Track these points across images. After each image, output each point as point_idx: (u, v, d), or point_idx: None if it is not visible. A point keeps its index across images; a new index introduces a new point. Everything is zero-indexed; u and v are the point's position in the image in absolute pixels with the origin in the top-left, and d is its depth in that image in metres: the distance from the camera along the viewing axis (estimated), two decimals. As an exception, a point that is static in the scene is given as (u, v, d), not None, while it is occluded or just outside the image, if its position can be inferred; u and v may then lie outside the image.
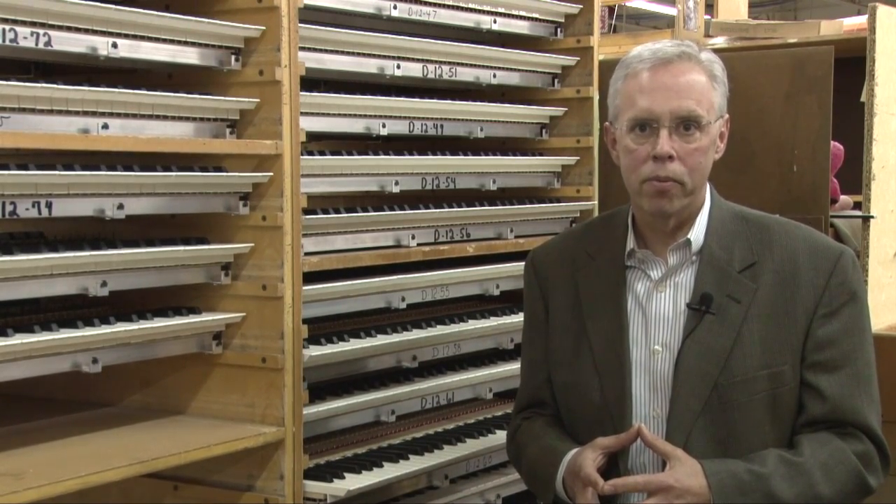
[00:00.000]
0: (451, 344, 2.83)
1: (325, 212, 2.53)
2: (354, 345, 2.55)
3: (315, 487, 2.38)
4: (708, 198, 2.17)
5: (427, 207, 2.79)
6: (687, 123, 2.07)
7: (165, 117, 2.23)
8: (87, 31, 2.11)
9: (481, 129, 2.99)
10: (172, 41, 2.25)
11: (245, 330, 2.37)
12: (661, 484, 2.00)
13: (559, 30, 3.23)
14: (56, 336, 2.06)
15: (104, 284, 2.14)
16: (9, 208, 1.97)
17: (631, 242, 2.19)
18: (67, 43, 2.08)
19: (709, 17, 6.37)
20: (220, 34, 2.31)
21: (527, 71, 3.14)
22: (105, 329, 2.15)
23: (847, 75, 3.67)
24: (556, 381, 2.25)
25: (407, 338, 2.70)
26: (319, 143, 2.86)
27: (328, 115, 2.55)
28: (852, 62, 3.82)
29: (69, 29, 2.08)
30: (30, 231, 2.49)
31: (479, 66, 2.98)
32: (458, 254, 2.84)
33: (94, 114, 2.11)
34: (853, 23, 4.76)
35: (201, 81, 2.37)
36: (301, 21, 2.36)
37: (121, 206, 2.14)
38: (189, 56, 2.29)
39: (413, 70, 2.77)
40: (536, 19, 3.16)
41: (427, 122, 2.83)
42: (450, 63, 2.88)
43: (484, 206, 2.96)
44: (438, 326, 2.82)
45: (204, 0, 2.35)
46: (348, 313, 2.65)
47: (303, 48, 2.39)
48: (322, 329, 2.59)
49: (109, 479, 2.01)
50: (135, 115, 2.18)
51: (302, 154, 2.38)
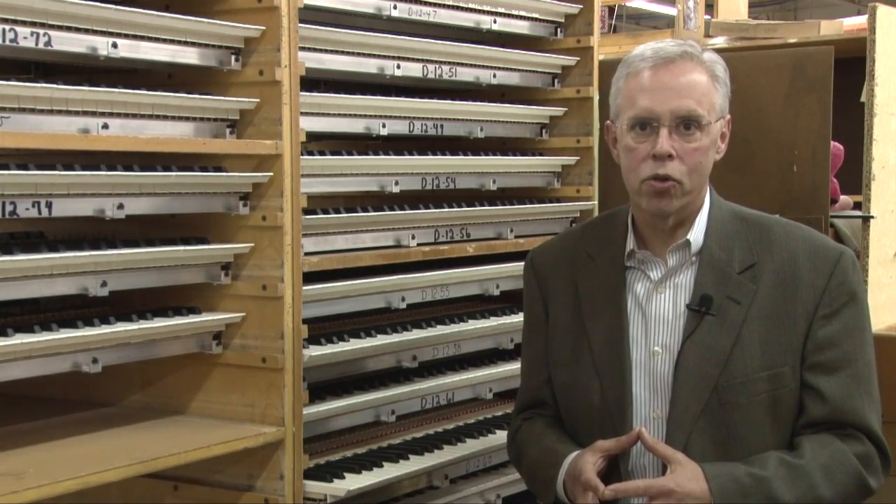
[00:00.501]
0: (451, 344, 2.83)
1: (325, 212, 2.52)
2: (354, 345, 2.55)
3: (315, 487, 2.38)
4: (707, 198, 2.17)
5: (427, 207, 2.79)
6: (687, 123, 2.06)
7: (165, 117, 2.23)
8: (87, 31, 2.11)
9: (481, 129, 2.99)
10: (172, 41, 2.25)
11: (245, 330, 2.37)
12: (662, 488, 2.00)
13: (559, 30, 3.22)
14: (56, 336, 2.06)
15: (104, 284, 2.14)
16: (9, 208, 1.97)
17: (631, 243, 2.19)
18: (67, 43, 2.08)
19: (709, 17, 6.37)
20: (220, 34, 2.31)
21: (527, 71, 3.14)
22: (105, 329, 2.15)
23: (847, 75, 3.67)
24: (556, 382, 2.25)
25: (407, 338, 2.70)
26: (319, 143, 2.86)
27: (328, 115, 2.55)
28: (852, 62, 3.81)
29: (69, 29, 2.08)
30: (30, 231, 2.48)
31: (479, 66, 2.97)
32: (458, 254, 2.84)
33: (94, 114, 2.11)
34: (853, 23, 4.75)
35: (201, 81, 2.37)
36: (301, 21, 2.36)
37: (121, 206, 2.14)
38: (189, 56, 2.29)
39: (413, 70, 2.77)
40: (536, 19, 3.16)
41: (427, 122, 2.83)
42: (450, 63, 2.87)
43: (484, 206, 2.96)
44: (438, 326, 2.82)
45: (204, 0, 2.35)
46: (348, 313, 2.64)
47: (303, 48, 2.39)
48: (322, 329, 2.59)
49: (109, 479, 2.01)
50: (135, 115, 2.18)
51: (302, 154, 2.38)
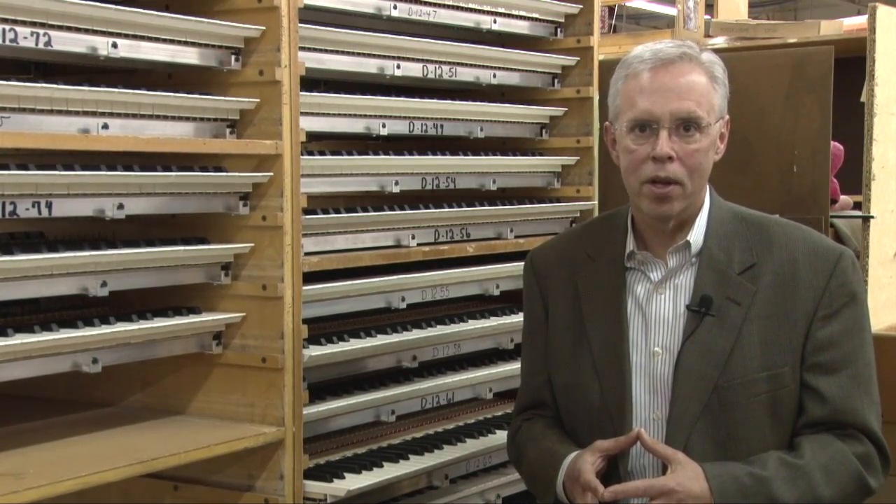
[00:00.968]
0: (451, 344, 2.83)
1: (325, 212, 2.52)
2: (354, 345, 2.55)
3: (315, 487, 2.38)
4: (707, 199, 2.17)
5: (427, 207, 2.79)
6: (687, 124, 2.06)
7: (165, 117, 2.23)
8: (87, 31, 2.11)
9: (481, 129, 2.99)
10: (172, 41, 2.25)
11: (245, 330, 2.37)
12: (662, 488, 1.99)
13: (559, 30, 3.22)
14: (56, 336, 2.06)
15: (104, 284, 2.14)
16: (9, 208, 1.97)
17: (630, 244, 2.19)
18: (67, 43, 2.08)
19: (709, 17, 6.37)
20: (220, 34, 2.31)
21: (527, 71, 3.14)
22: (105, 329, 2.15)
23: (847, 75, 3.67)
24: (556, 382, 2.25)
25: (407, 338, 2.70)
26: (319, 143, 2.86)
27: (328, 115, 2.55)
28: (852, 62, 3.82)
29: (69, 29, 2.08)
30: (30, 231, 2.48)
31: (479, 66, 2.97)
32: (458, 254, 2.84)
33: (94, 114, 2.10)
34: (853, 23, 4.75)
35: (201, 81, 2.37)
36: (301, 21, 2.36)
37: (121, 206, 2.14)
38: (189, 56, 2.29)
39: (413, 70, 2.77)
40: (536, 19, 3.16)
41: (427, 122, 2.83)
42: (450, 63, 2.87)
43: (484, 206, 2.96)
44: (438, 326, 2.82)
45: (204, 0, 2.35)
46: (348, 313, 2.64)
47: (303, 48, 2.39)
48: (322, 329, 2.59)
49: (109, 479, 2.01)
50: (135, 115, 2.18)
51: (302, 154, 2.38)
